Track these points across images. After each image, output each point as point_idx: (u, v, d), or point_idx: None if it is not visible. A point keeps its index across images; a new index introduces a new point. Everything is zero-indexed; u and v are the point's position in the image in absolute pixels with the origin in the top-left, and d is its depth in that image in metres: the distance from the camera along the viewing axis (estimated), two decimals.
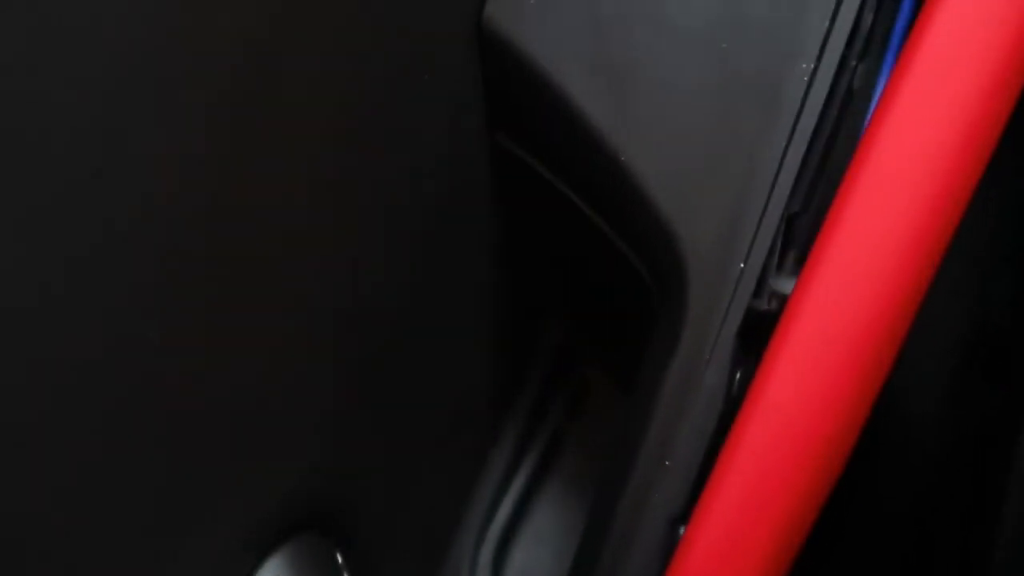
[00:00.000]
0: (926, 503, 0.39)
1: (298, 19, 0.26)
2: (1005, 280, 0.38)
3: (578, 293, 0.44)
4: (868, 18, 0.30)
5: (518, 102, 0.33)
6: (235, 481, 0.29)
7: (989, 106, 0.25)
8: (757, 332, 0.31)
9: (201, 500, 0.28)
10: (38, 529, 0.23)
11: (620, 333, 0.41)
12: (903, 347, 0.27)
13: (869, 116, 0.35)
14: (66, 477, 0.24)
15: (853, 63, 0.30)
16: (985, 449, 0.36)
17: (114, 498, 0.25)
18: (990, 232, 0.37)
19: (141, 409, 0.25)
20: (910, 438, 0.39)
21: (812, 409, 0.27)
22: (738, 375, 0.31)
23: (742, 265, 0.30)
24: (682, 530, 0.29)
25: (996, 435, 0.35)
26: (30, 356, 0.22)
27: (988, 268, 0.38)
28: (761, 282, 0.30)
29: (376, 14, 0.29)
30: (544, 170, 0.35)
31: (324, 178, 0.29)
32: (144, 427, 0.25)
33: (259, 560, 0.30)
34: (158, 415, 0.25)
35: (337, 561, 0.33)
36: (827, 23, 0.29)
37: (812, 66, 0.29)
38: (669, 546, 0.29)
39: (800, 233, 0.32)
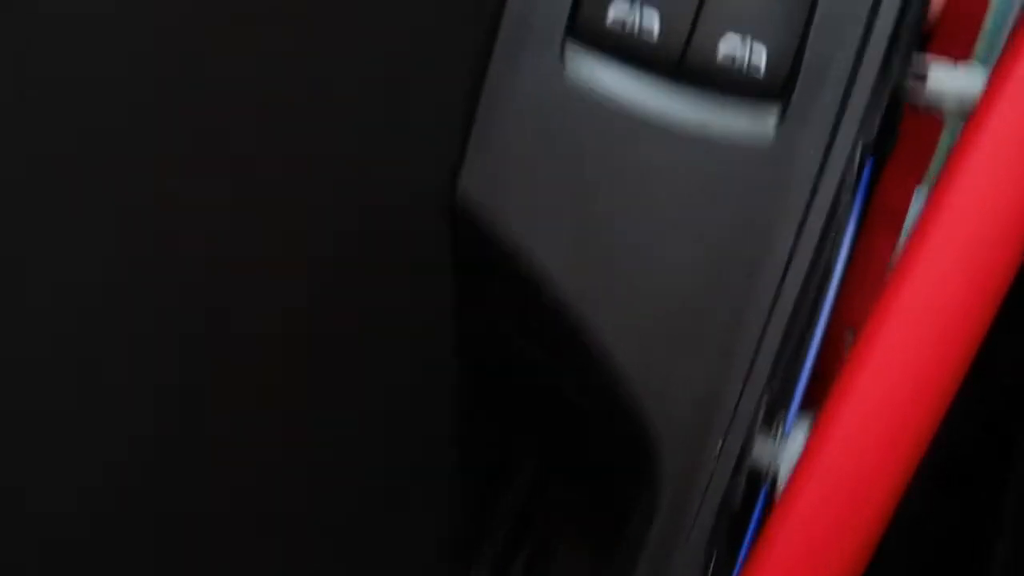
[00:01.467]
0: None
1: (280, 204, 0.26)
2: (964, 395, 0.38)
3: (544, 456, 0.44)
4: (846, 197, 0.30)
5: (491, 273, 0.32)
6: None
7: (968, 330, 0.26)
8: (736, 512, 0.30)
9: None
10: None
11: (588, 497, 0.41)
12: None
13: (832, 285, 0.35)
14: None
15: (829, 244, 0.30)
16: (953, 560, 0.36)
17: None
18: None
19: None
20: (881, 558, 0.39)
21: None
22: (715, 554, 0.30)
23: (720, 443, 0.29)
24: None
25: (961, 543, 0.35)
26: None
27: None
28: (738, 467, 0.29)
29: (351, 185, 0.29)
30: (515, 337, 0.34)
31: (292, 356, 0.29)
32: None
33: None
34: None
35: None
36: (805, 201, 0.29)
37: (790, 245, 0.29)
38: None
39: (773, 400, 0.31)
